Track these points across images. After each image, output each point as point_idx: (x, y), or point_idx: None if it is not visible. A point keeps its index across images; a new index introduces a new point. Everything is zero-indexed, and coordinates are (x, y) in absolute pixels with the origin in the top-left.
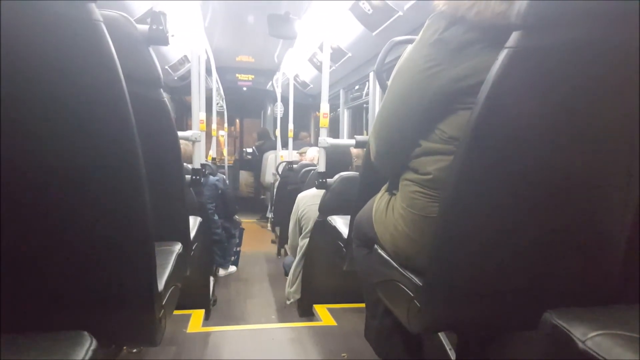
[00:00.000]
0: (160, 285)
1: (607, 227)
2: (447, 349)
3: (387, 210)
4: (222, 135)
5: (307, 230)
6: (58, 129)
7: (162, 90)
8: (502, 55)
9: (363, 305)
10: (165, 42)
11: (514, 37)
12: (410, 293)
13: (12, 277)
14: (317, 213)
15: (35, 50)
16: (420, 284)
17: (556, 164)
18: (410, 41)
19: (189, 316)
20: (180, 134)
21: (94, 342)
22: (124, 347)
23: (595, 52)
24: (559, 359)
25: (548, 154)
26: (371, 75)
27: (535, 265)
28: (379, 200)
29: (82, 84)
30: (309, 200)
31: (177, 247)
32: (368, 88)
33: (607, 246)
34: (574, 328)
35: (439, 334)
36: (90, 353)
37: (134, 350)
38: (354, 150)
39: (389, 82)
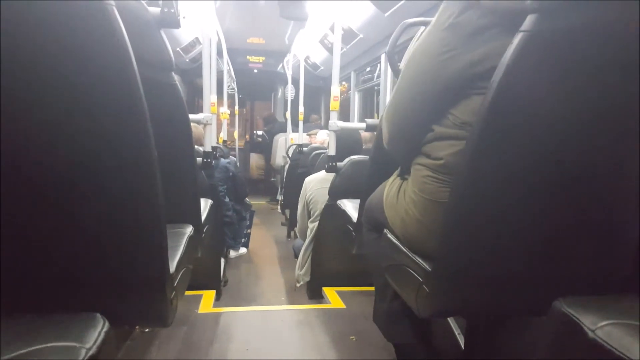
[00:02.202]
0: (172, 267)
1: (621, 214)
2: (456, 333)
3: (398, 194)
4: (224, 113)
5: (316, 214)
6: (70, 112)
7: (173, 73)
8: (517, 39)
9: (372, 288)
10: (177, 24)
11: (529, 21)
12: (419, 278)
13: (27, 260)
14: (325, 197)
15: (47, 34)
16: (430, 269)
17: (570, 150)
18: (423, 23)
19: (200, 297)
20: (191, 116)
21: (107, 324)
22: (137, 327)
23: (612, 35)
24: (567, 348)
25: (562, 140)
26: (383, 57)
27: (546, 252)
28: (391, 184)
29: (94, 67)
30: (316, 184)
31: (189, 230)
32: (379, 70)
33: (619, 234)
34: (583, 317)
35: (448, 318)
36: (102, 335)
37: (146, 330)
38: (363, 134)
39: (400, 65)
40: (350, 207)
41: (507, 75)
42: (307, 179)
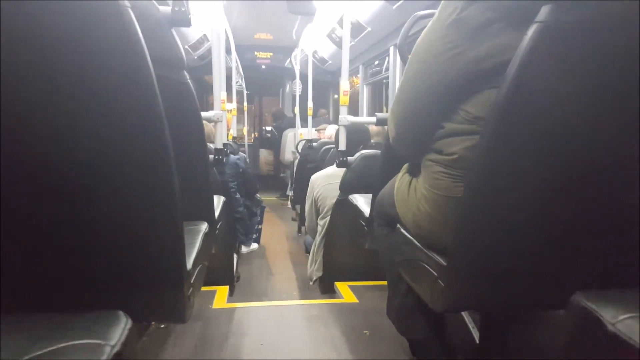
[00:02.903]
0: (189, 263)
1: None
2: (470, 327)
3: (409, 190)
4: (232, 110)
5: (325, 210)
6: (87, 112)
7: (185, 72)
8: (531, 30)
9: (385, 282)
10: (187, 23)
11: (544, 12)
12: (434, 272)
13: (49, 260)
14: (333, 193)
15: (63, 35)
16: (444, 264)
17: (586, 142)
18: (433, 15)
19: (214, 292)
20: (202, 114)
21: (129, 321)
22: (152, 323)
23: (628, 26)
24: (587, 341)
25: (578, 132)
26: (391, 50)
27: (563, 246)
28: (400, 180)
29: (111, 68)
30: (323, 181)
31: (204, 227)
32: (388, 63)
33: (637, 227)
34: (603, 310)
35: (462, 313)
36: (126, 331)
37: (162, 326)
38: (372, 128)
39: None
40: (362, 201)
41: (522, 68)
42: (314, 177)
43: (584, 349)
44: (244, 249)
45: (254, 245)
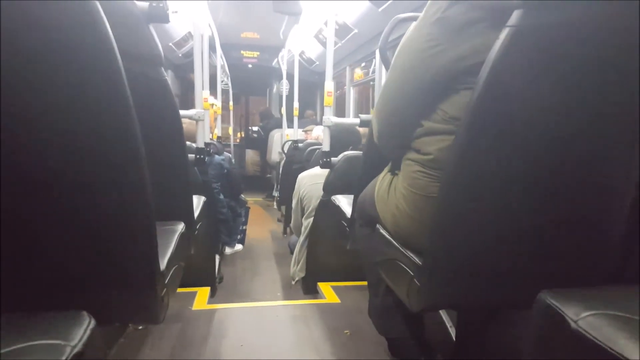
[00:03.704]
0: (163, 264)
1: (607, 206)
2: (448, 326)
3: (389, 190)
4: (217, 107)
5: (309, 210)
6: (54, 108)
7: (163, 68)
8: (504, 34)
9: (366, 283)
10: (165, 19)
11: (515, 16)
12: (411, 272)
13: (12, 256)
14: (319, 193)
15: (29, 29)
16: (420, 263)
17: (556, 144)
18: (414, 18)
19: (194, 294)
20: (183, 112)
21: (93, 322)
22: (129, 325)
23: (598, 30)
24: (551, 338)
25: (548, 134)
26: (377, 52)
27: (533, 245)
28: (382, 180)
29: (77, 63)
30: (309, 180)
31: (180, 227)
32: (374, 65)
33: (606, 225)
34: (567, 308)
35: (440, 312)
36: (88, 332)
37: (140, 328)
38: (363, 129)
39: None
40: (345, 202)
41: (494, 70)
42: (301, 175)
43: (550, 347)
44: (228, 250)
45: (239, 246)
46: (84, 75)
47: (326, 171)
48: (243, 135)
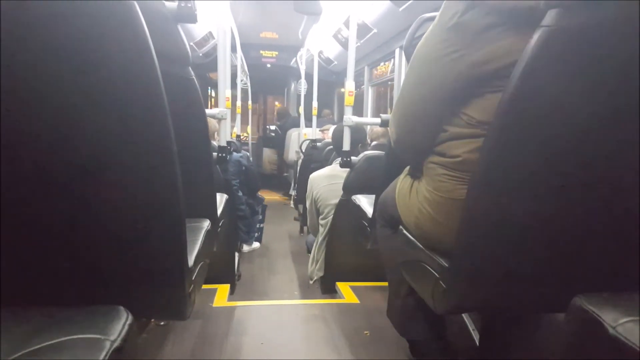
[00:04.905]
0: (191, 261)
1: None
2: (471, 329)
3: (410, 193)
4: (238, 107)
5: (326, 211)
6: (92, 107)
7: (190, 68)
8: (537, 34)
9: (386, 283)
10: (193, 19)
11: (550, 16)
12: (436, 274)
13: (51, 254)
14: (333, 193)
15: (69, 31)
16: (446, 265)
17: (590, 146)
18: None
19: (215, 291)
20: (207, 111)
21: (130, 317)
22: (152, 320)
23: (632, 31)
24: (587, 344)
25: (582, 136)
26: (397, 52)
27: (564, 249)
28: (402, 182)
29: (116, 63)
30: (321, 181)
31: (206, 224)
32: (393, 65)
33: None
34: (604, 313)
35: (463, 314)
36: (127, 327)
37: (162, 323)
38: (377, 129)
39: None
40: (365, 202)
41: (527, 71)
42: (312, 176)
43: (585, 352)
44: (245, 248)
45: (256, 244)
46: (121, 74)
47: (339, 171)
48: (261, 134)
